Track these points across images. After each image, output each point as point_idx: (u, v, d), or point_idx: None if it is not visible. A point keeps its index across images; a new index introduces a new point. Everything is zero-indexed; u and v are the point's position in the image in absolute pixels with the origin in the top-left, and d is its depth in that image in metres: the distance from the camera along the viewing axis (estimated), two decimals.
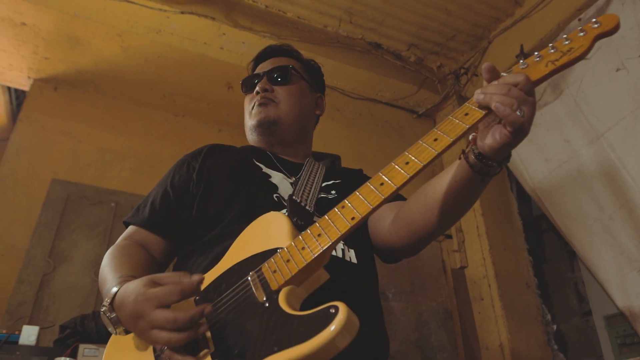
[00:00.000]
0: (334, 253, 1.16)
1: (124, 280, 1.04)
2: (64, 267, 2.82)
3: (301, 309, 0.93)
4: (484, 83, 0.99)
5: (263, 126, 1.42)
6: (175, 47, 2.99)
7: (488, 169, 0.99)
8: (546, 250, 3.14)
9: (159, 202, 1.31)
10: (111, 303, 0.98)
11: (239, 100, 3.41)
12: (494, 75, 0.97)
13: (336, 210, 0.96)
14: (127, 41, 2.99)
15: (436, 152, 0.92)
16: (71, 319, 2.11)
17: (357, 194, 0.96)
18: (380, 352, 1.14)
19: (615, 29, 0.91)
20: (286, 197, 1.26)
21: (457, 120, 0.94)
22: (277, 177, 1.33)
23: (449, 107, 3.45)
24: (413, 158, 0.93)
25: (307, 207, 1.21)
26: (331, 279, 1.01)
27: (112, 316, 0.98)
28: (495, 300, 2.76)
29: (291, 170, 1.39)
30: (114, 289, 0.99)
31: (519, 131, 0.92)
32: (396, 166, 0.95)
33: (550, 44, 0.94)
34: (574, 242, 2.68)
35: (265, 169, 1.35)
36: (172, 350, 0.90)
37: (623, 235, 2.42)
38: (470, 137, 0.99)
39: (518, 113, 0.90)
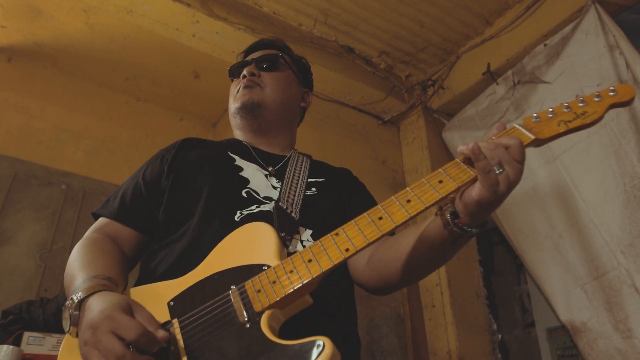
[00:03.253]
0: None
1: (99, 283, 0.99)
2: (6, 249, 2.65)
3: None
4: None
5: (246, 108, 1.40)
6: (145, 30, 2.88)
7: (459, 232, 0.95)
8: (496, 263, 3.26)
9: (130, 194, 1.27)
10: (81, 301, 0.94)
11: (204, 91, 3.37)
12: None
13: (330, 237, 0.93)
14: (93, 18, 2.85)
15: (440, 196, 0.89)
16: (15, 304, 2.00)
17: (354, 223, 0.93)
18: (352, 356, 1.15)
19: (630, 101, 0.92)
20: (259, 191, 1.24)
21: (465, 166, 0.92)
22: (249, 169, 1.30)
23: (414, 117, 3.52)
24: (416, 197, 0.90)
25: (292, 215, 1.18)
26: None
27: (74, 313, 0.93)
28: (446, 307, 2.84)
29: (270, 161, 1.36)
30: (93, 292, 0.95)
31: (492, 188, 0.86)
32: (397, 202, 0.91)
33: (565, 103, 0.94)
34: (524, 257, 2.80)
35: (238, 161, 1.32)
36: None
37: (571, 254, 2.54)
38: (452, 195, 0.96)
39: (496, 169, 0.87)
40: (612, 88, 0.94)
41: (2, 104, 2.98)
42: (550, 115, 0.95)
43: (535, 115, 0.96)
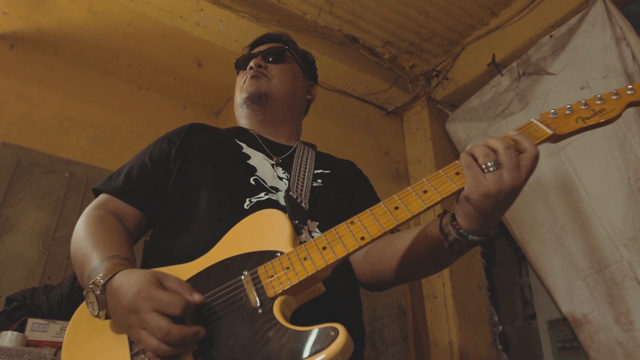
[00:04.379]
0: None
1: (119, 263, 0.98)
2: (9, 237, 2.66)
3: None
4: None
5: (253, 98, 1.40)
6: (148, 17, 2.86)
7: (455, 236, 0.93)
8: (497, 255, 3.26)
9: (136, 173, 1.26)
10: (105, 284, 0.93)
11: (207, 79, 3.35)
12: None
13: (345, 225, 0.92)
14: (96, 5, 2.84)
15: (457, 188, 0.88)
16: (20, 291, 2.01)
17: (369, 212, 0.92)
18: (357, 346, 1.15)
19: None
20: (265, 180, 1.24)
21: None
22: (257, 158, 1.30)
23: (417, 107, 3.51)
24: (433, 188, 0.89)
25: (302, 204, 1.18)
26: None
27: (102, 297, 0.92)
28: (448, 299, 2.85)
29: (276, 150, 1.36)
30: (115, 273, 0.94)
31: (476, 181, 0.85)
32: (413, 192, 0.91)
33: (583, 100, 0.93)
34: (526, 249, 2.80)
35: (245, 149, 1.32)
36: (154, 355, 0.85)
37: (573, 246, 2.54)
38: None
39: (490, 165, 0.85)
40: (630, 87, 0.93)
41: (5, 92, 2.97)
42: (568, 112, 0.94)
43: (552, 111, 0.95)
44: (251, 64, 1.45)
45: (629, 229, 2.33)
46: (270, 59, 1.47)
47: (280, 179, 1.27)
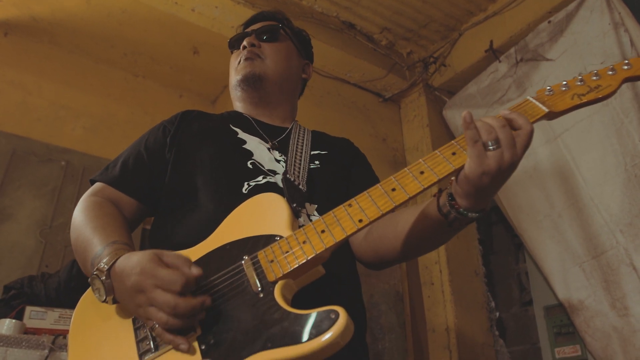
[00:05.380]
0: None
1: (120, 248, 1.00)
2: (6, 226, 2.66)
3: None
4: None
5: (248, 81, 1.39)
6: (143, 3, 2.84)
7: (455, 215, 0.94)
8: (494, 242, 3.27)
9: (132, 163, 1.26)
10: (109, 269, 0.94)
11: (203, 67, 3.33)
12: None
13: (343, 208, 0.93)
14: None
15: (453, 168, 0.89)
16: (17, 279, 2.01)
17: (367, 194, 0.93)
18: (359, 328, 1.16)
19: None
20: (262, 163, 1.24)
21: None
22: (252, 142, 1.30)
23: (415, 94, 3.50)
24: (429, 169, 0.89)
25: (300, 187, 1.18)
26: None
27: (107, 282, 0.94)
28: (445, 285, 2.87)
29: (271, 133, 1.36)
30: (117, 257, 0.96)
31: (478, 160, 0.85)
32: (410, 173, 0.91)
33: (579, 76, 0.93)
34: (523, 235, 2.81)
35: (241, 134, 1.32)
36: (164, 329, 0.88)
37: (569, 233, 2.55)
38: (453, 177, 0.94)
39: (490, 144, 0.86)
40: (626, 61, 0.92)
41: (0, 80, 2.96)
42: (564, 89, 0.94)
43: (548, 88, 0.95)
44: (244, 43, 1.44)
45: (625, 215, 2.34)
46: (264, 37, 1.45)
47: (277, 161, 1.27)
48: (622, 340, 2.31)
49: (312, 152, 1.34)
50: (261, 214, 1.02)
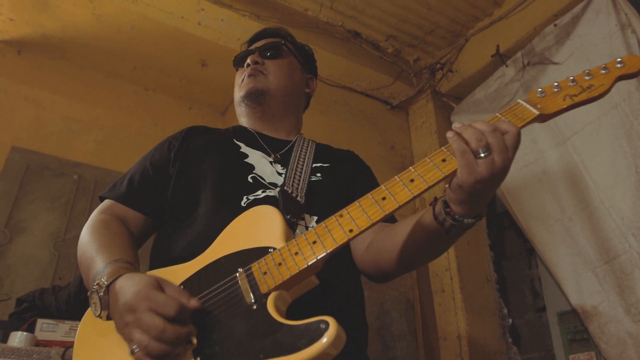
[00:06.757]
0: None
1: (122, 267, 1.01)
2: (21, 239, 2.71)
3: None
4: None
5: (251, 96, 1.42)
6: (151, 19, 2.89)
7: (451, 222, 0.93)
8: (506, 247, 3.24)
9: (138, 178, 1.29)
10: (108, 285, 0.96)
11: (212, 79, 3.37)
12: None
13: (334, 219, 0.93)
14: (99, 8, 2.87)
15: (443, 175, 0.88)
16: (29, 292, 2.05)
17: (357, 204, 0.92)
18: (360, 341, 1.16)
19: (639, 72, 0.88)
20: (264, 177, 1.25)
21: None
22: (254, 156, 1.31)
23: (422, 101, 3.49)
24: (419, 177, 0.88)
25: (298, 198, 1.19)
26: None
27: (105, 297, 0.95)
28: (456, 292, 2.84)
29: (275, 147, 1.37)
30: (119, 276, 0.97)
31: (468, 169, 0.84)
32: (400, 182, 0.90)
33: (571, 77, 0.91)
34: (534, 241, 2.77)
35: (244, 148, 1.33)
36: (144, 354, 0.86)
37: (581, 237, 2.52)
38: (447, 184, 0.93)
39: (481, 152, 0.84)
40: (619, 59, 0.90)
41: (14, 97, 3.02)
42: (556, 90, 0.92)
43: (540, 90, 0.93)
44: (248, 60, 1.46)
45: (637, 218, 2.30)
46: (268, 54, 1.48)
47: (280, 174, 1.28)
48: (637, 346, 2.26)
49: (314, 165, 1.34)
50: (256, 226, 1.03)
